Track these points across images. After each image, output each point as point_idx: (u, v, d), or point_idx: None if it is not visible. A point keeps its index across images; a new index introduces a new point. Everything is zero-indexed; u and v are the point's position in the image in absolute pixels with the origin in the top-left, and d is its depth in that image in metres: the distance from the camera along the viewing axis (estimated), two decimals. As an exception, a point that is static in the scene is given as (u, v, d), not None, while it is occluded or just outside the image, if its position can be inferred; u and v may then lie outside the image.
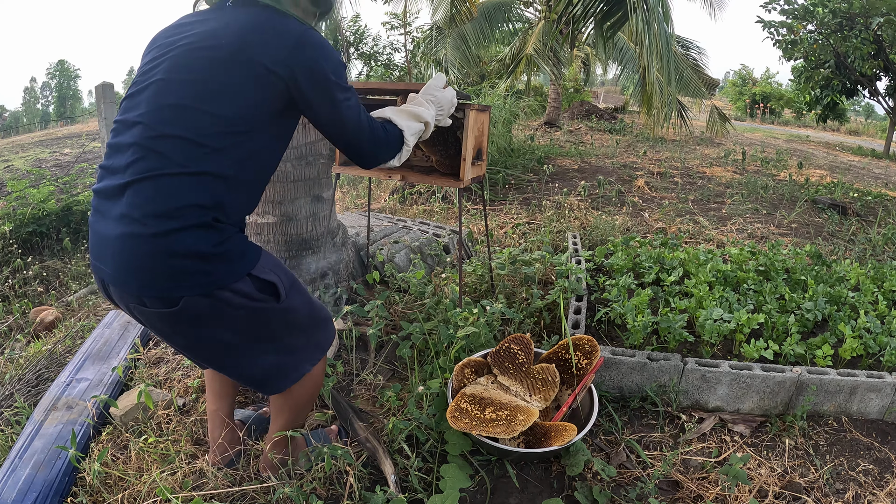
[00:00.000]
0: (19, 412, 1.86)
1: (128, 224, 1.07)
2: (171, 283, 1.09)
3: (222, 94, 1.13)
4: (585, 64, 15.57)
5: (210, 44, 1.15)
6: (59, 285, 3.43)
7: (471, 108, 1.94)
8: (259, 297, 1.21)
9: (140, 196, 1.07)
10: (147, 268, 1.08)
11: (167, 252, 1.07)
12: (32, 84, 55.53)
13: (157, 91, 1.13)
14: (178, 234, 1.07)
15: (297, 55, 1.18)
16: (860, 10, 10.73)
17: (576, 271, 2.63)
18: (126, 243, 1.08)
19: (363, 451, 1.64)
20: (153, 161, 1.08)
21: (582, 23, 5.87)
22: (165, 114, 1.11)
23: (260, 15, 1.20)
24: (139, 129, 1.11)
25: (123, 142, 1.12)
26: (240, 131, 1.15)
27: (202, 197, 1.10)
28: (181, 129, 1.10)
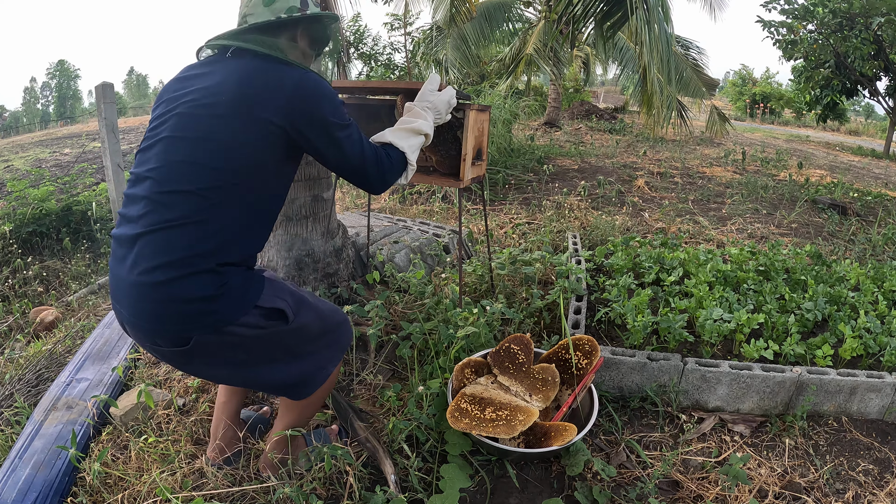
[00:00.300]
0: (19, 412, 1.86)
1: (138, 273, 1.15)
2: (180, 326, 1.17)
3: (226, 149, 1.19)
4: (585, 64, 15.58)
5: (211, 101, 1.21)
6: (59, 285, 3.43)
7: (471, 108, 1.94)
8: (266, 324, 1.27)
9: (149, 248, 1.16)
10: (157, 314, 1.16)
11: (173, 299, 1.15)
12: (32, 84, 55.53)
13: (164, 148, 1.21)
14: (183, 281, 1.15)
15: (295, 104, 1.23)
16: (860, 10, 10.73)
17: (576, 271, 2.63)
18: (137, 291, 1.16)
19: (363, 451, 1.64)
20: (161, 214, 1.16)
21: (582, 23, 5.87)
22: (173, 170, 1.18)
23: (257, 66, 1.25)
24: (149, 183, 1.19)
25: (136, 194, 1.21)
26: (245, 182, 1.22)
27: (206, 246, 1.17)
28: (187, 184, 1.17)
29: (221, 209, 1.19)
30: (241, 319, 1.21)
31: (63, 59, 60.18)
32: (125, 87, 63.12)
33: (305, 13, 1.38)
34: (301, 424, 1.52)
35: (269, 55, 1.27)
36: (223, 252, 1.20)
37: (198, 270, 1.16)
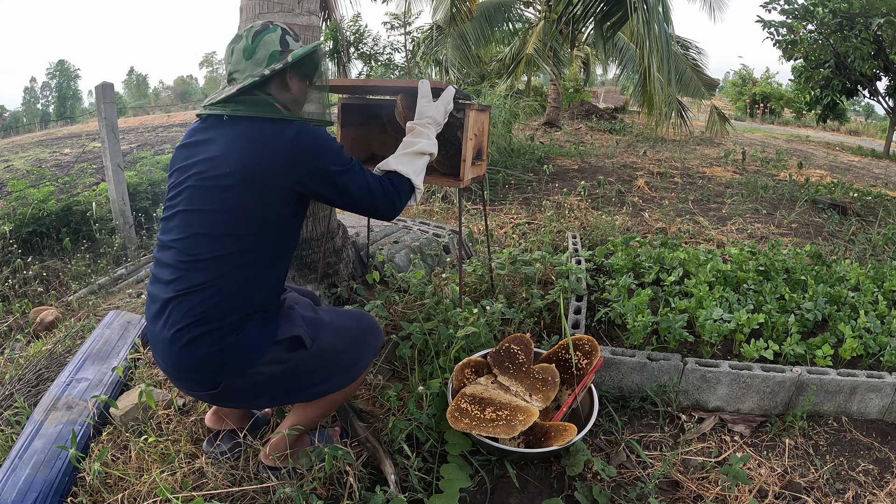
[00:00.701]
0: (19, 412, 1.86)
1: (170, 332, 1.28)
2: (207, 375, 1.30)
3: (239, 217, 1.29)
4: (585, 64, 15.59)
5: (217, 173, 1.29)
6: (59, 285, 3.43)
7: (471, 108, 1.94)
8: (288, 356, 1.35)
9: (178, 311, 1.28)
10: (187, 366, 1.29)
11: (199, 353, 1.27)
12: (32, 84, 55.53)
13: (183, 221, 1.31)
14: (207, 337, 1.27)
15: (296, 163, 1.30)
16: (860, 10, 10.72)
17: (576, 271, 2.63)
18: (170, 346, 1.28)
19: (363, 451, 1.64)
20: (188, 281, 1.28)
21: (582, 23, 5.88)
22: (194, 241, 1.30)
23: (253, 132, 1.31)
24: (174, 252, 1.31)
25: (164, 260, 1.33)
26: (260, 241, 1.32)
27: (229, 304, 1.29)
28: (207, 252, 1.28)
29: (241, 269, 1.30)
30: (262, 359, 1.31)
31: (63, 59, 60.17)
32: (125, 87, 63.09)
33: (287, 60, 1.39)
34: (314, 423, 1.56)
35: (263, 116, 1.32)
36: (245, 305, 1.31)
37: (220, 326, 1.27)
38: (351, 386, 1.52)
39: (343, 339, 1.46)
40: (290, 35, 1.45)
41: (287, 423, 1.52)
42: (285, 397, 1.44)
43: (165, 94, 62.31)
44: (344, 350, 1.46)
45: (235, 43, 1.41)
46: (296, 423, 1.50)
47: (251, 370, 1.31)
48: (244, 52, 1.38)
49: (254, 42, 1.38)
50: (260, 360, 1.31)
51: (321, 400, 1.50)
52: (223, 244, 1.28)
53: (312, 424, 1.55)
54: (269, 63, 1.38)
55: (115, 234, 3.96)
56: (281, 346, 1.34)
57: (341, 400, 1.55)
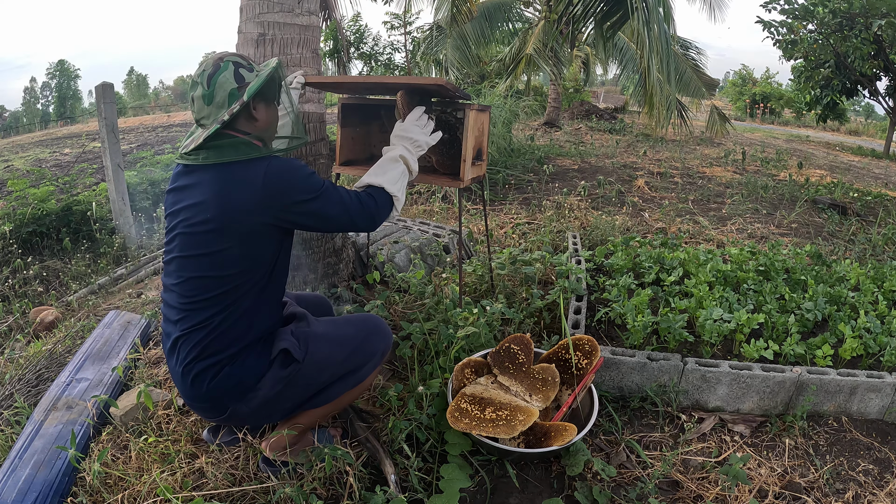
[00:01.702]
0: (19, 412, 1.86)
1: (180, 366, 1.40)
2: (213, 404, 1.42)
3: (227, 259, 1.36)
4: (585, 64, 15.58)
5: (201, 219, 1.35)
6: (59, 285, 3.43)
7: (471, 108, 1.94)
8: (284, 372, 1.43)
9: (185, 348, 1.39)
10: (196, 397, 1.42)
11: (205, 385, 1.39)
12: (32, 84, 55.51)
13: (179, 266, 1.40)
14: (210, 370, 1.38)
15: (268, 199, 1.35)
16: (860, 10, 10.72)
17: (576, 271, 2.63)
18: (181, 379, 1.41)
19: (363, 451, 1.64)
20: (190, 320, 1.38)
21: (582, 23, 5.87)
22: (190, 285, 1.38)
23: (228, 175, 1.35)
24: (176, 295, 1.41)
25: (170, 301, 1.44)
26: (252, 275, 1.39)
27: (228, 337, 1.38)
28: (204, 293, 1.37)
29: (236, 304, 1.38)
30: (260, 382, 1.41)
31: (63, 59, 60.11)
32: (125, 87, 63.06)
33: (243, 99, 1.39)
34: (324, 419, 1.61)
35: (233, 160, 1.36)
36: (245, 336, 1.40)
37: (221, 359, 1.38)
38: (357, 388, 1.55)
39: (341, 348, 1.50)
40: (244, 66, 1.42)
41: (293, 420, 1.54)
42: (295, 408, 1.52)
43: (165, 94, 62.27)
44: (344, 358, 1.50)
45: (193, 90, 1.41)
46: (302, 421, 1.53)
47: (251, 394, 1.41)
48: (203, 98, 1.39)
49: (209, 87, 1.38)
50: (258, 384, 1.41)
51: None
52: (216, 285, 1.36)
53: (314, 423, 1.57)
54: (229, 103, 1.39)
55: (115, 234, 3.96)
56: (275, 364, 1.43)
57: (348, 401, 1.58)
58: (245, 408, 1.43)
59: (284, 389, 1.44)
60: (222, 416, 1.44)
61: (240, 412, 1.43)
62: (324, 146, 2.37)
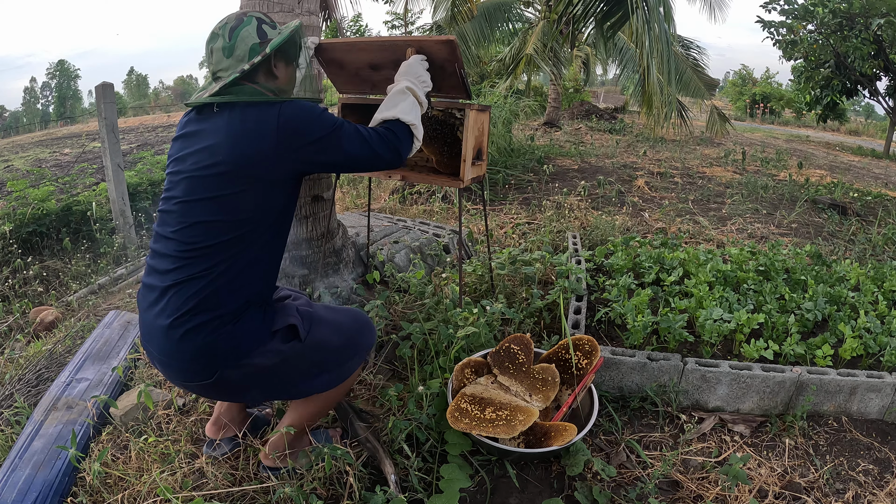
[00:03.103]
0: (19, 412, 1.86)
1: (167, 319, 1.28)
2: (203, 365, 1.29)
3: (238, 203, 1.30)
4: (585, 64, 15.57)
5: (212, 161, 1.29)
6: (59, 285, 3.43)
7: (471, 108, 1.94)
8: (284, 347, 1.36)
9: (177, 299, 1.28)
10: (182, 355, 1.28)
11: (196, 342, 1.27)
12: (32, 84, 55.50)
13: (182, 211, 1.31)
14: (206, 326, 1.27)
15: (285, 139, 1.31)
16: (860, 10, 10.72)
17: (576, 271, 2.63)
18: (166, 335, 1.28)
19: (363, 451, 1.64)
20: (187, 270, 1.28)
21: (582, 23, 5.88)
22: (193, 230, 1.30)
23: (243, 116, 1.31)
24: (173, 243, 1.31)
25: (162, 251, 1.33)
26: (259, 224, 1.33)
27: (229, 291, 1.30)
28: (207, 240, 1.29)
29: (240, 255, 1.31)
30: (258, 349, 1.32)
31: (63, 59, 60.09)
32: (125, 87, 63.06)
33: (265, 52, 1.39)
34: (312, 421, 1.56)
35: (248, 101, 1.33)
36: (243, 292, 1.32)
37: (219, 315, 1.28)
38: (345, 384, 1.51)
39: (338, 333, 1.46)
40: (267, 23, 1.43)
41: (285, 423, 1.52)
42: (278, 391, 1.43)
43: (165, 94, 62.25)
44: (338, 346, 1.46)
45: (213, 42, 1.40)
46: (293, 422, 1.50)
47: (246, 361, 1.31)
48: (223, 50, 1.38)
49: (231, 40, 1.37)
50: (256, 351, 1.32)
51: (316, 398, 1.49)
52: (222, 231, 1.29)
53: (310, 423, 1.55)
54: (249, 57, 1.38)
55: (115, 234, 3.96)
56: (276, 337, 1.35)
57: (336, 398, 1.55)
58: (235, 374, 1.32)
59: (279, 365, 1.37)
60: (206, 381, 1.31)
61: (228, 379, 1.32)
62: (324, 146, 2.37)
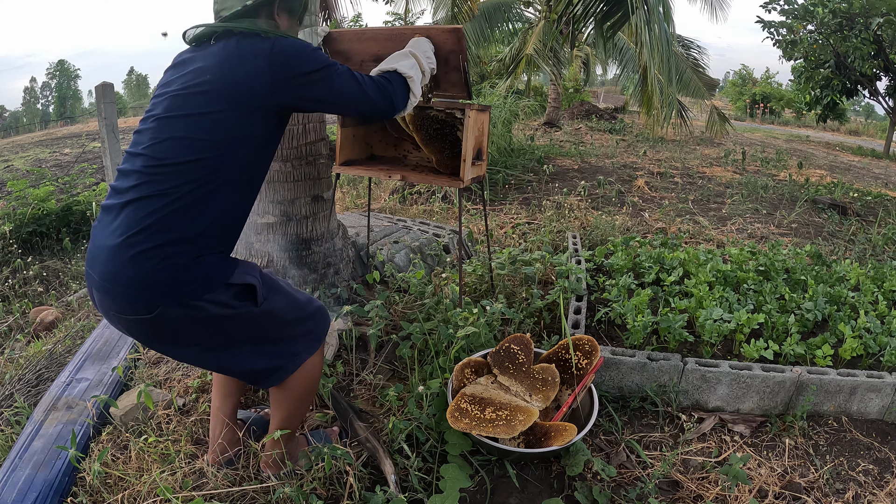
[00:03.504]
0: (19, 412, 1.86)
1: (118, 238, 1.18)
2: (149, 293, 1.18)
3: (219, 122, 1.24)
4: (585, 64, 15.57)
5: (199, 80, 1.26)
6: (59, 285, 3.43)
7: (471, 108, 1.94)
8: (236, 304, 1.28)
9: (133, 215, 1.19)
10: (129, 278, 1.18)
11: (148, 265, 1.17)
12: (32, 84, 55.50)
13: (158, 126, 1.25)
14: (162, 249, 1.18)
15: (276, 69, 1.27)
16: (860, 10, 10.73)
17: (576, 271, 2.63)
18: (115, 254, 1.18)
19: (363, 451, 1.64)
20: (151, 187, 1.20)
21: (582, 23, 5.88)
22: (167, 145, 1.22)
23: (235, 45, 1.29)
24: (142, 159, 1.23)
25: (129, 169, 1.25)
26: (235, 152, 1.26)
27: (190, 218, 1.21)
28: (179, 157, 1.21)
29: (208, 183, 1.22)
30: (210, 296, 1.23)
31: (63, 59, 60.11)
32: (125, 87, 63.06)
33: None
34: (295, 421, 1.50)
35: (245, 31, 1.31)
36: (204, 223, 1.23)
37: (177, 240, 1.19)
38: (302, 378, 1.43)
39: (293, 309, 1.39)
40: None
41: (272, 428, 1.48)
42: (217, 357, 1.33)
43: (165, 94, 61.93)
44: (291, 320, 1.38)
45: None
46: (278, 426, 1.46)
47: (193, 303, 1.21)
48: None
49: None
50: (206, 296, 1.23)
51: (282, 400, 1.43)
52: (194, 150, 1.22)
53: (290, 426, 1.47)
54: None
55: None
56: (231, 291, 1.27)
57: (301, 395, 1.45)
58: (178, 315, 1.21)
59: (226, 320, 1.27)
60: (144, 315, 1.20)
61: (168, 319, 1.21)
62: (324, 146, 2.38)
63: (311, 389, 1.48)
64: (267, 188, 2.26)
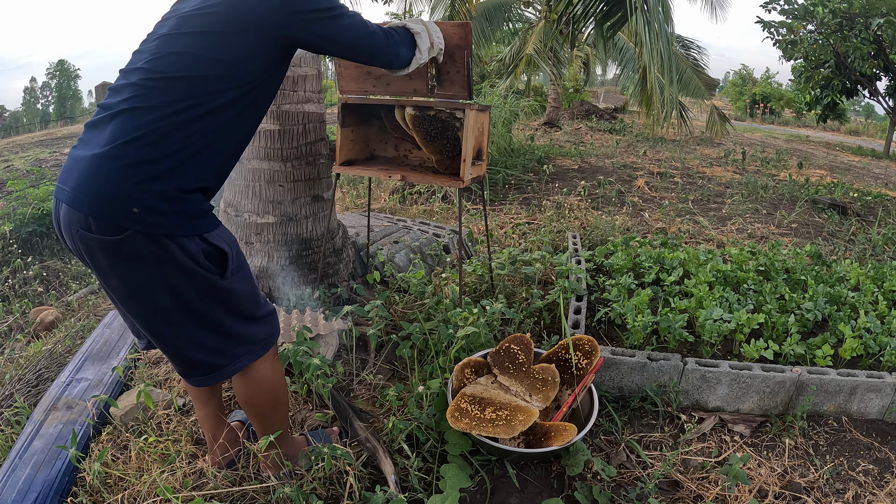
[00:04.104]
0: (19, 412, 1.86)
1: (104, 147, 1.12)
2: (124, 212, 1.11)
3: (223, 42, 1.21)
4: (585, 64, 15.57)
5: (208, 4, 1.23)
6: (59, 285, 3.43)
7: (471, 108, 1.94)
8: (204, 263, 1.21)
9: (124, 125, 1.13)
10: (107, 191, 1.10)
11: (132, 182, 1.11)
12: (32, 84, 55.49)
13: (161, 43, 1.21)
14: (148, 167, 1.12)
15: (287, 4, 1.25)
16: (860, 10, 10.72)
17: (576, 271, 2.63)
18: (96, 163, 1.12)
19: (363, 451, 1.64)
20: (145, 100, 1.15)
21: (582, 23, 5.88)
22: (167, 60, 1.19)
23: None
24: (140, 73, 1.18)
25: (123, 84, 1.19)
26: (235, 76, 1.22)
27: (182, 138, 1.16)
28: (178, 71, 1.17)
29: (207, 104, 1.18)
30: (183, 240, 1.16)
31: (63, 59, 60.12)
32: (125, 87, 62.85)
33: None
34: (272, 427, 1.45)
35: None
36: (198, 151, 1.19)
37: (167, 158, 1.14)
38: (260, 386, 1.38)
39: (251, 303, 1.32)
40: None
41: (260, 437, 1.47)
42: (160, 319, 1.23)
43: (165, 94, 61.96)
44: (243, 316, 1.31)
45: None
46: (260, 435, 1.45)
47: (165, 241, 1.14)
48: None
49: None
50: (180, 237, 1.16)
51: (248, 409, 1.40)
52: (194, 65, 1.18)
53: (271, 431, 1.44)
54: None
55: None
56: (204, 247, 1.20)
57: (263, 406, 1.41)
58: (146, 248, 1.13)
59: (185, 278, 1.19)
60: (109, 237, 1.11)
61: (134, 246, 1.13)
62: (324, 146, 2.38)
63: (272, 402, 1.43)
64: (267, 188, 2.26)
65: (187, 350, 1.28)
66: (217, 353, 1.29)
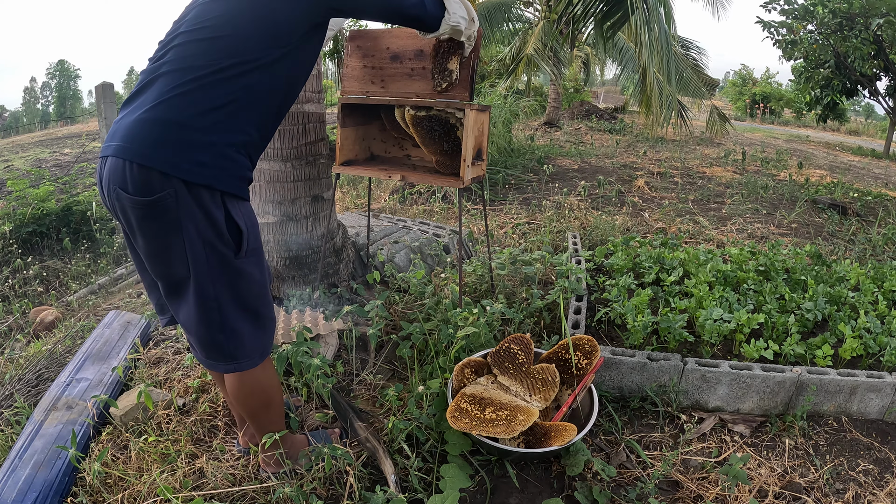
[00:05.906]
0: (19, 412, 1.86)
1: (151, 104, 1.15)
2: (166, 158, 1.13)
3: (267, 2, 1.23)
4: (585, 64, 15.58)
5: None
6: (59, 285, 3.43)
7: (471, 109, 1.94)
8: (220, 235, 1.21)
9: (170, 82, 1.16)
10: (152, 138, 1.14)
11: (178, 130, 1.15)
12: (32, 84, 55.49)
13: (202, 11, 1.24)
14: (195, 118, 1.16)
15: None
16: (860, 10, 10.72)
17: (576, 271, 2.63)
18: (143, 117, 1.15)
19: (363, 451, 1.64)
20: (190, 59, 1.18)
21: (582, 23, 5.88)
22: (211, 22, 1.21)
23: None
24: (182, 36, 1.22)
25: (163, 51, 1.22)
26: (278, 39, 1.25)
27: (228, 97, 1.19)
28: (224, 28, 1.21)
29: (249, 63, 1.21)
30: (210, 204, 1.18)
31: (63, 59, 60.14)
32: (125, 87, 63.11)
33: None
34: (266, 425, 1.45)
35: None
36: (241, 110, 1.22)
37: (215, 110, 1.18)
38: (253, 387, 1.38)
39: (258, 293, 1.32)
40: None
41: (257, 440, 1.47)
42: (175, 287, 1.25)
43: (165, 94, 61.96)
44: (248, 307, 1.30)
45: None
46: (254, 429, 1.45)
47: (200, 191, 1.16)
48: None
49: None
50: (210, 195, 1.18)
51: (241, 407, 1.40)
52: (241, 23, 1.22)
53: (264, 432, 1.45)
54: None
55: (115, 234, 3.96)
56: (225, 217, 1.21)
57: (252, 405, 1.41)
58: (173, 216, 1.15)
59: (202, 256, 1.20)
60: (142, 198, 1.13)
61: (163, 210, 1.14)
62: (324, 146, 2.38)
63: (265, 406, 1.43)
64: (267, 188, 2.26)
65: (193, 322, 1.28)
66: (222, 339, 1.29)
